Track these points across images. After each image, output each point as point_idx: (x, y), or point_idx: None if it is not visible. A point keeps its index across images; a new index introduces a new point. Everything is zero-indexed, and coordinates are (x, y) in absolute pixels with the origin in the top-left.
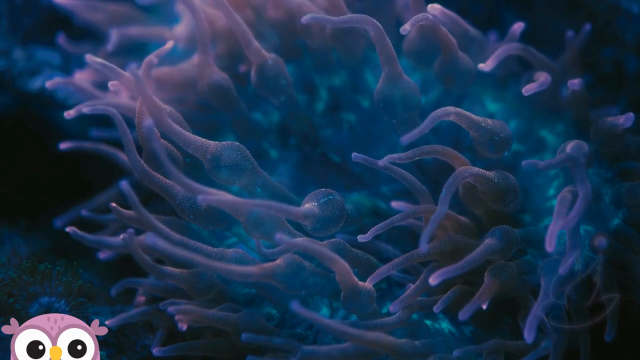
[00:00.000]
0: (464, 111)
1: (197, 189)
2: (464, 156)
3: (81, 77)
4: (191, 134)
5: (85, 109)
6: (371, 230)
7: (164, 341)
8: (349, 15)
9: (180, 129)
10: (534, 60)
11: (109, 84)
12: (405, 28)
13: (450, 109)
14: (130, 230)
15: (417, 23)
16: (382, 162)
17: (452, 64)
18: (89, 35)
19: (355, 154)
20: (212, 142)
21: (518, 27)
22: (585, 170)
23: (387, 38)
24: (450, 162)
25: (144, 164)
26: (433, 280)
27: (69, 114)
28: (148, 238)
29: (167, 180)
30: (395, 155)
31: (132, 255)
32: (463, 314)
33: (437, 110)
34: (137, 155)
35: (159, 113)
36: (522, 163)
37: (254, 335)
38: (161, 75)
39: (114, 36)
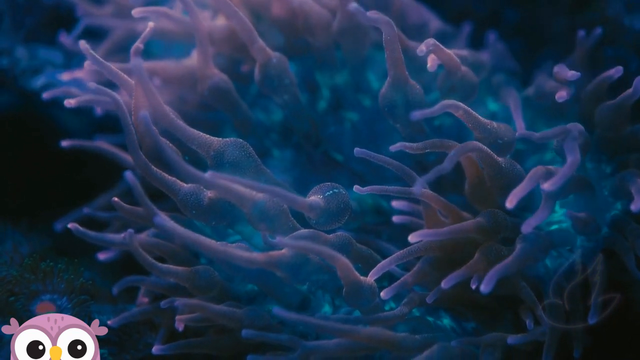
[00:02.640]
0: (472, 111)
1: (200, 176)
2: None
3: (80, 76)
4: (194, 130)
5: (89, 97)
6: (371, 187)
7: (166, 339)
8: (373, 12)
9: (184, 124)
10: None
11: (85, 63)
12: (422, 49)
13: (461, 105)
14: (130, 230)
15: (429, 47)
16: (393, 147)
17: (457, 81)
18: (92, 34)
19: (358, 149)
20: (216, 138)
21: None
22: (577, 142)
23: (398, 42)
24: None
25: (146, 160)
26: (412, 238)
27: (70, 102)
28: (156, 218)
29: (169, 176)
30: (407, 143)
31: (132, 253)
32: (446, 283)
33: (449, 101)
34: (140, 150)
35: (162, 107)
36: (517, 134)
37: (254, 332)
38: (162, 70)
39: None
